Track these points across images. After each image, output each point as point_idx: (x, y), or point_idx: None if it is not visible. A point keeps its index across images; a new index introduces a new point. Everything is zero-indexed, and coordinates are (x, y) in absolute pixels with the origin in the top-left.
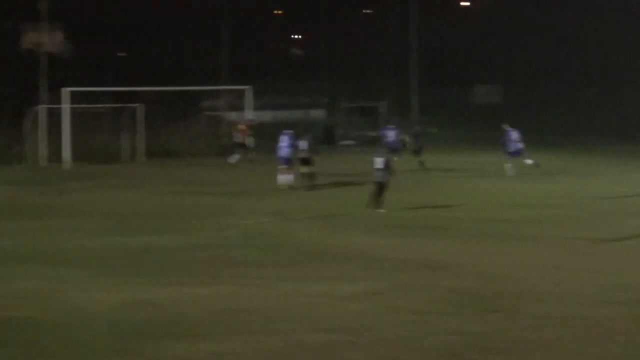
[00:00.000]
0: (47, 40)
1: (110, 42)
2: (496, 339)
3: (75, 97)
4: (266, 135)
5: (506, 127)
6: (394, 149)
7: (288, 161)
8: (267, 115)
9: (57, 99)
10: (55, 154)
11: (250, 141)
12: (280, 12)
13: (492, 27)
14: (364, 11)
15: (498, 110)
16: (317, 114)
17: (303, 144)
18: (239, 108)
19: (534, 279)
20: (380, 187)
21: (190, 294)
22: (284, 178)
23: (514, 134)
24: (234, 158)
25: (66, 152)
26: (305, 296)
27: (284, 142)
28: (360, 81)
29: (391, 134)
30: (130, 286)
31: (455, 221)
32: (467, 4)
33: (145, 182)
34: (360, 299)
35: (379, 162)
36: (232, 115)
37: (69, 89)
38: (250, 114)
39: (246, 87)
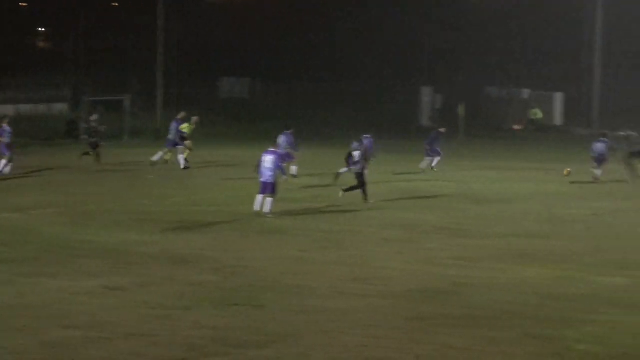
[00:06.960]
0: None
1: None
2: (236, 333)
3: None
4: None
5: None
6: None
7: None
8: (9, 110)
9: None
10: None
11: None
12: (24, 4)
13: (245, 20)
14: (112, 4)
15: (245, 105)
16: (60, 107)
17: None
18: None
19: (274, 272)
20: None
21: None
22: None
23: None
24: None
25: None
26: (44, 293)
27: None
28: (106, 75)
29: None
30: None
31: (203, 214)
32: None
33: None
34: (100, 295)
35: None
36: None
37: None
38: None
39: None
